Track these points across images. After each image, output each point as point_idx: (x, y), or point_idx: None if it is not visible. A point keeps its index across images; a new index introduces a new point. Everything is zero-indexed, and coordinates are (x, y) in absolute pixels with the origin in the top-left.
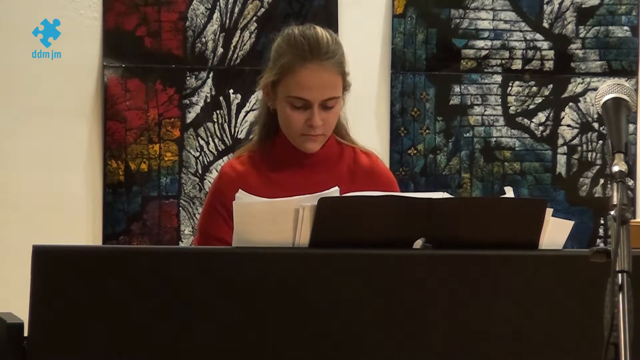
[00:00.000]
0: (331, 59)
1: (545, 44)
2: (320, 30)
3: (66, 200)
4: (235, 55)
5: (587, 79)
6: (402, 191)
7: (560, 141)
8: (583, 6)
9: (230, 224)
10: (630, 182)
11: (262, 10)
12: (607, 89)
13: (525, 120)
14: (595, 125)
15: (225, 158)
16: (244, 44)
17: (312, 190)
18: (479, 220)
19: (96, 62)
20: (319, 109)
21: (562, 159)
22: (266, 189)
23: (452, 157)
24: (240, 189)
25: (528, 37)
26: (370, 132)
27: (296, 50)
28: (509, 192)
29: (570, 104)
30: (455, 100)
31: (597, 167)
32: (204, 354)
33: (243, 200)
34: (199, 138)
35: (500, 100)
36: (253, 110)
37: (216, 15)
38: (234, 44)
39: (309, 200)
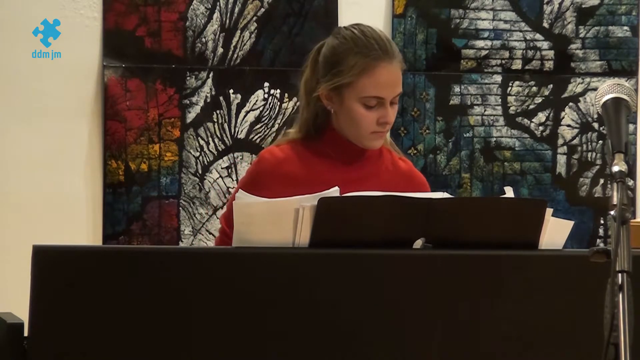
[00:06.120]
0: (397, 57)
1: (545, 44)
2: (375, 29)
3: (66, 200)
4: (235, 55)
5: (587, 79)
6: None
7: (560, 141)
8: (583, 6)
9: None
10: (630, 182)
11: (262, 10)
12: (607, 89)
13: (525, 120)
14: (595, 125)
15: (225, 158)
16: (244, 44)
17: (353, 186)
18: (478, 220)
19: (96, 62)
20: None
21: (562, 159)
22: (306, 177)
23: (452, 157)
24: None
25: (528, 37)
26: None
27: (367, 50)
28: (509, 192)
29: (570, 104)
30: (455, 100)
31: (597, 167)
32: (204, 354)
33: (243, 200)
34: (199, 138)
35: (500, 100)
36: (253, 110)
37: (216, 15)
38: (234, 44)
39: (309, 200)
